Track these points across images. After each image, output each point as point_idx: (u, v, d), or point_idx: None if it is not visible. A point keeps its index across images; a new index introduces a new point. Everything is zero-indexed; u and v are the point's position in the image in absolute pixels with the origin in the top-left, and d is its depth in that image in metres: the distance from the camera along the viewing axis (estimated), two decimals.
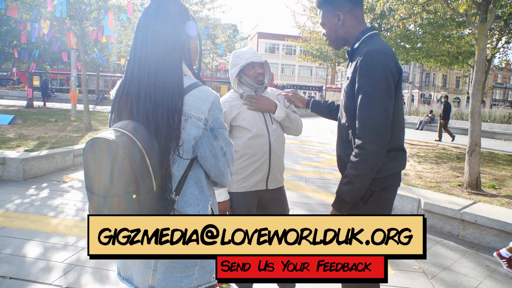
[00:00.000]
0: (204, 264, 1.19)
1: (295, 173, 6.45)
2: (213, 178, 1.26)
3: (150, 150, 1.04)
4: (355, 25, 1.61)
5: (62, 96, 27.92)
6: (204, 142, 1.18)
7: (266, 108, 2.12)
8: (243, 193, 2.13)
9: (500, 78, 59.32)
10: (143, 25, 1.16)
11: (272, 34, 48.56)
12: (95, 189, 1.06)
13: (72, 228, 3.53)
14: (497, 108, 26.62)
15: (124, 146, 0.99)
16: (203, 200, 1.20)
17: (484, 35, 5.08)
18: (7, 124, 9.84)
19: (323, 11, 1.65)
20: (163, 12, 1.15)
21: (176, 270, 1.15)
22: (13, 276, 2.59)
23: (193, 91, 1.16)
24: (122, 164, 0.99)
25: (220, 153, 1.21)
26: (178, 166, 1.15)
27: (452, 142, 12.38)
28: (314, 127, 16.41)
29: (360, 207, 1.57)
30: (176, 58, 1.15)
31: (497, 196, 4.80)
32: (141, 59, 1.13)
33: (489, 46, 10.61)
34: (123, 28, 16.18)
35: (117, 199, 1.02)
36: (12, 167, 5.16)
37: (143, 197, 1.02)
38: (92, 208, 1.11)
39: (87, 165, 1.06)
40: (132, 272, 1.21)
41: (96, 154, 1.03)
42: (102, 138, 1.02)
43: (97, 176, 1.04)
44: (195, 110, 1.14)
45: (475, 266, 3.14)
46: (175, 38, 1.15)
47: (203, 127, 1.16)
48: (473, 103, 5.24)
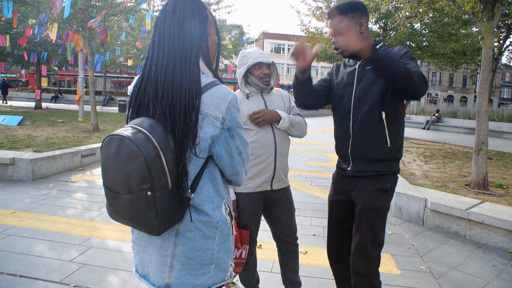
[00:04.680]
0: (219, 262, 1.20)
1: (301, 173, 6.45)
2: (228, 177, 1.26)
3: (166, 147, 1.04)
4: (368, 35, 1.84)
5: (70, 97, 28.18)
6: (220, 141, 1.17)
7: (271, 120, 2.13)
8: (248, 194, 2.14)
9: (508, 76, 58.62)
10: (160, 24, 1.16)
11: (278, 34, 48.51)
12: (111, 185, 1.08)
13: (80, 228, 3.57)
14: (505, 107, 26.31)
15: (139, 143, 1.00)
16: (218, 198, 1.20)
17: (490, 33, 5.04)
18: (16, 125, 9.97)
19: (348, 17, 1.78)
20: (180, 10, 1.15)
21: (192, 268, 1.15)
22: (23, 274, 2.64)
23: (211, 90, 1.15)
24: (137, 161, 0.99)
25: (236, 152, 1.21)
26: (194, 164, 1.14)
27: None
28: (320, 127, 16.37)
29: (386, 195, 1.84)
30: (193, 57, 1.14)
31: (505, 195, 4.76)
32: (158, 58, 1.14)
33: (497, 45, 10.50)
34: (130, 29, 16.30)
35: (132, 196, 1.03)
36: (22, 167, 5.24)
37: (158, 194, 1.03)
38: (109, 204, 1.13)
39: (103, 162, 1.08)
40: (149, 269, 1.21)
41: (112, 150, 1.04)
42: (118, 135, 1.03)
43: (113, 172, 1.06)
44: (212, 109, 1.13)
45: (482, 266, 3.12)
46: (192, 37, 1.15)
47: (220, 126, 1.15)
48: (479, 102, 5.19)
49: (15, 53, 16.41)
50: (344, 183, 1.97)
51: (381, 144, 1.81)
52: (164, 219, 1.06)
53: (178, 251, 1.15)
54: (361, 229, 1.85)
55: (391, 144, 1.81)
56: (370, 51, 1.59)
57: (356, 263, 1.86)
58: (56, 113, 15.97)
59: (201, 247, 1.15)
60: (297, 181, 5.86)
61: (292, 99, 2.31)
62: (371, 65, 1.70)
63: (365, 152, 1.85)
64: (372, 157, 1.84)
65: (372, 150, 1.83)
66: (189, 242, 1.15)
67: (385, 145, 1.80)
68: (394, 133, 1.82)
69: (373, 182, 1.85)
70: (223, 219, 1.20)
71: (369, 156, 1.84)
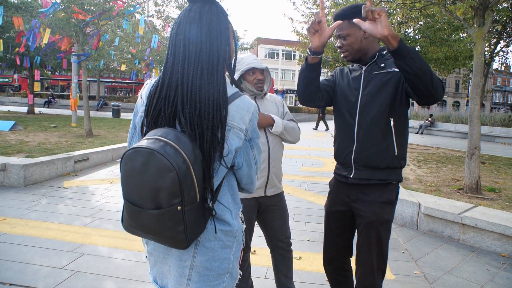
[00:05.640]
0: (233, 271, 1.20)
1: (295, 178, 6.45)
2: (243, 186, 1.26)
3: (194, 160, 1.01)
4: (374, 40, 1.81)
5: (63, 102, 28.00)
6: (242, 152, 1.16)
7: (265, 124, 2.13)
8: (242, 200, 2.13)
9: (499, 81, 59.39)
10: (186, 31, 1.10)
11: (272, 40, 48.74)
12: (135, 199, 1.02)
13: (72, 234, 3.52)
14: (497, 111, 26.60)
15: (170, 157, 0.95)
16: (235, 207, 1.20)
17: (481, 39, 5.11)
18: (8, 130, 9.87)
19: (352, 22, 1.71)
20: (207, 17, 1.11)
21: (209, 279, 1.14)
22: (13, 282, 2.59)
23: (236, 101, 1.13)
24: (169, 176, 0.95)
25: (253, 162, 1.21)
26: (218, 175, 1.12)
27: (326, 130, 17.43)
28: (314, 132, 16.42)
29: (391, 206, 1.82)
30: (220, 66, 1.11)
31: (498, 199, 4.79)
32: (184, 66, 1.09)
33: (488, 49, 10.65)
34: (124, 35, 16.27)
35: (161, 211, 0.99)
36: (13, 173, 5.17)
37: (187, 208, 1.00)
38: (130, 219, 1.07)
39: (126, 175, 1.02)
40: (168, 280, 1.19)
41: (138, 164, 0.98)
42: (145, 148, 0.97)
43: (138, 187, 1.00)
44: (237, 120, 1.12)
45: (476, 270, 3.13)
46: (219, 46, 1.11)
47: (243, 138, 1.14)
48: (472, 107, 5.25)
49: (7, 57, 16.29)
50: (345, 193, 1.90)
51: (388, 151, 1.76)
52: (191, 232, 1.04)
53: (197, 262, 1.13)
54: (368, 244, 1.80)
55: (398, 152, 1.77)
56: (398, 39, 1.43)
57: (364, 279, 1.81)
58: (49, 118, 15.83)
59: (220, 257, 1.14)
60: (292, 186, 5.85)
61: (286, 105, 2.32)
62: (394, 58, 1.51)
63: (370, 159, 1.78)
64: (378, 164, 1.78)
65: (378, 158, 1.77)
66: (208, 252, 1.13)
67: (392, 152, 1.76)
68: (402, 140, 1.78)
69: (378, 193, 1.80)
70: (240, 228, 1.20)
71: (374, 164, 1.78)
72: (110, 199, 4.74)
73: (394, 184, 1.84)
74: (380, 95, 1.74)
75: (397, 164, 1.80)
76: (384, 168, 1.78)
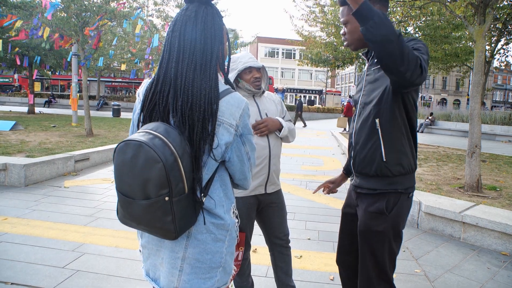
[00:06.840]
0: (226, 266, 1.21)
1: (295, 177, 6.46)
2: (236, 181, 1.29)
3: (182, 152, 1.05)
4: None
5: (63, 102, 28.01)
6: (233, 147, 1.19)
7: (274, 129, 2.14)
8: (242, 198, 2.14)
9: (500, 79, 59.34)
10: (181, 28, 1.15)
11: (272, 39, 48.73)
12: (126, 191, 1.07)
13: (73, 234, 3.53)
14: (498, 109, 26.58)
15: (157, 148, 1.00)
16: (227, 201, 1.23)
17: (482, 37, 5.10)
18: (9, 130, 9.88)
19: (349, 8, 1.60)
20: (202, 17, 1.16)
21: (201, 271, 1.16)
22: (15, 281, 2.60)
23: (226, 97, 1.17)
24: (156, 167, 0.99)
25: (246, 158, 1.24)
26: (208, 169, 1.16)
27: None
28: (314, 130, 16.43)
29: (384, 217, 1.62)
30: (213, 63, 1.16)
31: (498, 198, 4.79)
32: (178, 61, 1.14)
33: (488, 48, 10.62)
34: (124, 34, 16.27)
35: (149, 201, 1.04)
36: (14, 173, 5.18)
37: (176, 200, 1.04)
38: (122, 209, 1.12)
39: (118, 167, 1.07)
40: (160, 272, 1.21)
41: (128, 156, 1.03)
42: (134, 141, 1.02)
43: (128, 178, 1.05)
44: (227, 116, 1.15)
45: (477, 269, 3.13)
46: (213, 44, 1.16)
47: (234, 133, 1.17)
48: (472, 105, 5.24)
49: (7, 57, 16.29)
50: (353, 197, 1.83)
51: (374, 156, 1.60)
52: (180, 223, 1.07)
53: (189, 253, 1.16)
54: (362, 253, 1.71)
55: (387, 157, 1.57)
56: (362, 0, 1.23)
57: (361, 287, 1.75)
58: (49, 118, 15.85)
59: (211, 250, 1.17)
60: (292, 185, 5.86)
61: (284, 104, 2.32)
62: (359, 24, 1.30)
63: (361, 165, 1.66)
64: (367, 171, 1.64)
65: (367, 164, 1.63)
66: (200, 245, 1.16)
67: (380, 158, 1.58)
68: (392, 144, 1.58)
69: (369, 202, 1.66)
70: (233, 222, 1.23)
71: (364, 171, 1.65)
72: (110, 199, 4.74)
73: (392, 194, 1.62)
74: (373, 93, 1.62)
75: (386, 172, 1.59)
76: (373, 176, 1.63)
